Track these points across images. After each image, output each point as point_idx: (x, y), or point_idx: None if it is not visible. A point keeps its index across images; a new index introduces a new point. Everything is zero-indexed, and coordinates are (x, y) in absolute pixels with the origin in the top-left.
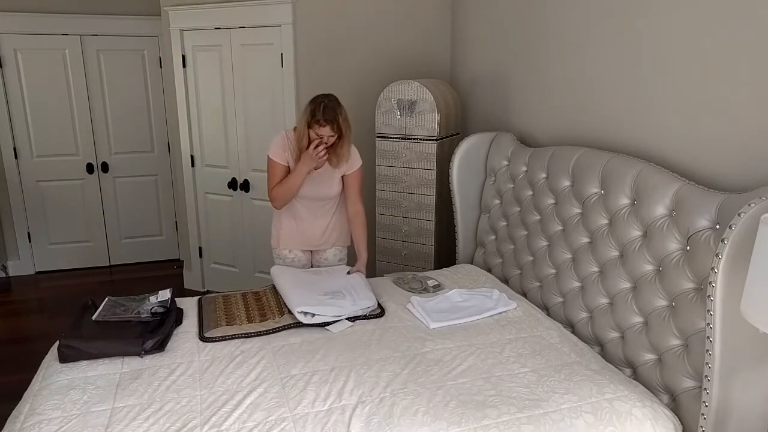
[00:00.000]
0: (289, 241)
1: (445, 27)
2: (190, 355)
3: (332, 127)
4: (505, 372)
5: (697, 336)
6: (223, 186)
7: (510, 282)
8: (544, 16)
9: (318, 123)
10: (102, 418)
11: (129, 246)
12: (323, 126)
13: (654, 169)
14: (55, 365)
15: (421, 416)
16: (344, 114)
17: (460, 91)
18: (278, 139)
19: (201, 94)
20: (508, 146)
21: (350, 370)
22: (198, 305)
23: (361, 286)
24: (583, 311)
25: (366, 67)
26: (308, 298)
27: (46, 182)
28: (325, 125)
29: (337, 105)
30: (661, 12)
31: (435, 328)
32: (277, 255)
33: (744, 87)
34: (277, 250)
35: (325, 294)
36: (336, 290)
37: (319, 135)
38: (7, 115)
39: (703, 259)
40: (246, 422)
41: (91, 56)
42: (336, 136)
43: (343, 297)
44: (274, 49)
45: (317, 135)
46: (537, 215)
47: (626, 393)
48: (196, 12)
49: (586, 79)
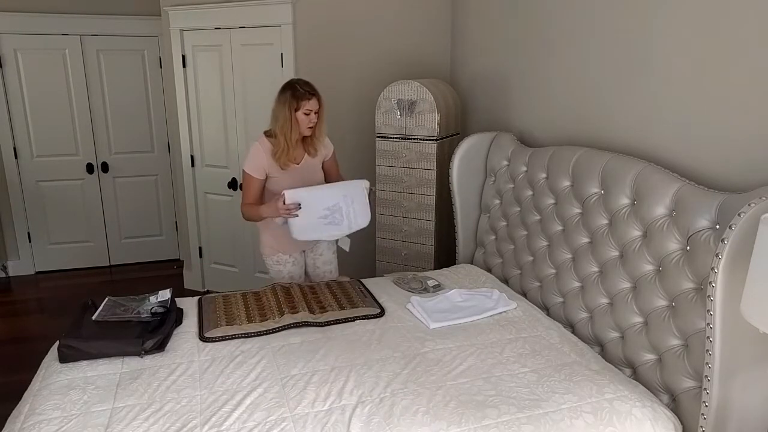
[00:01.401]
0: (282, 245)
1: (445, 27)
2: (190, 355)
3: (318, 99)
4: (505, 372)
5: (697, 336)
6: (223, 186)
7: (510, 282)
8: (545, 16)
9: (304, 97)
10: (102, 418)
11: (129, 246)
12: (310, 99)
13: (654, 169)
14: (55, 365)
15: (421, 416)
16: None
17: (460, 91)
18: (253, 151)
19: (201, 94)
20: (508, 146)
21: (350, 370)
22: (198, 305)
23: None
24: (583, 311)
25: (366, 67)
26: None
27: (46, 182)
28: (311, 97)
29: (310, 83)
30: (661, 12)
31: (435, 328)
32: (272, 263)
33: (744, 87)
34: (269, 259)
35: (324, 213)
36: (335, 203)
37: (308, 111)
38: (7, 115)
39: (703, 259)
40: (246, 422)
41: (91, 56)
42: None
43: (341, 214)
44: (274, 49)
45: (306, 112)
46: (537, 215)
47: (626, 393)
48: (196, 12)
49: (586, 79)
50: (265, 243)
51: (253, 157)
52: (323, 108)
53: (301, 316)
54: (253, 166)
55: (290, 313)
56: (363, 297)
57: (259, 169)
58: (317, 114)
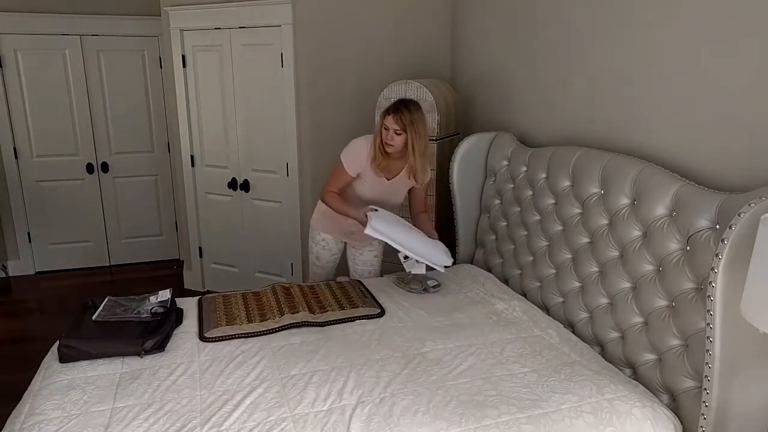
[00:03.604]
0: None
1: (445, 27)
2: (190, 355)
3: (396, 119)
4: (505, 372)
5: (697, 336)
6: (223, 186)
7: (510, 282)
8: (544, 17)
9: (388, 111)
10: (102, 418)
11: (129, 246)
12: (389, 114)
13: (654, 169)
14: (55, 365)
15: (421, 416)
16: (415, 116)
17: (460, 91)
18: (357, 146)
19: (201, 94)
20: (508, 146)
21: (350, 370)
22: (198, 305)
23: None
24: (583, 311)
25: (366, 67)
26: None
27: (46, 182)
28: (392, 114)
29: (411, 105)
30: (661, 12)
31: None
32: (313, 237)
33: (744, 87)
34: (313, 232)
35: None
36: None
37: (385, 126)
38: (7, 115)
39: (703, 259)
40: (246, 422)
41: (91, 56)
42: (402, 133)
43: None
44: (274, 49)
45: (386, 126)
46: (537, 215)
47: (626, 393)
48: (196, 12)
49: (587, 79)
50: (315, 218)
51: (354, 151)
52: (415, 139)
53: (301, 316)
54: (350, 160)
55: (290, 313)
56: (363, 297)
57: (354, 164)
58: (398, 134)
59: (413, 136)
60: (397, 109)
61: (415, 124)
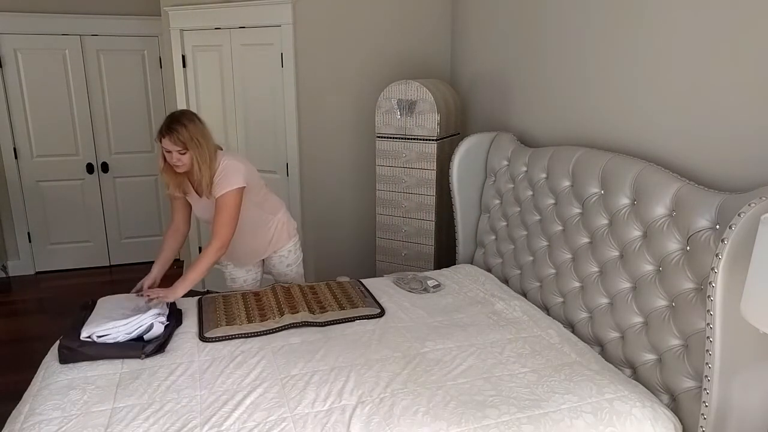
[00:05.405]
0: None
1: (445, 27)
2: (190, 355)
3: (173, 140)
4: (505, 372)
5: (697, 336)
6: None
7: (510, 282)
8: (544, 17)
9: (161, 134)
10: (102, 418)
11: (129, 246)
12: (164, 137)
13: (654, 169)
14: (55, 365)
15: (421, 416)
16: (193, 130)
17: (460, 91)
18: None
19: (201, 94)
20: (508, 146)
21: (350, 370)
22: (198, 305)
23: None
24: (583, 311)
25: (366, 67)
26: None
27: (46, 182)
28: (165, 137)
29: (185, 119)
30: (661, 12)
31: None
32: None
33: (744, 87)
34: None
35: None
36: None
37: (166, 149)
38: (7, 115)
39: (703, 259)
40: (246, 422)
41: (91, 56)
42: (183, 151)
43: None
44: (274, 49)
45: (165, 150)
46: (537, 215)
47: (626, 393)
48: (196, 12)
49: (586, 79)
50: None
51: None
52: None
53: (301, 316)
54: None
55: (290, 313)
56: (363, 297)
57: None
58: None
59: (196, 153)
60: (170, 129)
61: (194, 139)
